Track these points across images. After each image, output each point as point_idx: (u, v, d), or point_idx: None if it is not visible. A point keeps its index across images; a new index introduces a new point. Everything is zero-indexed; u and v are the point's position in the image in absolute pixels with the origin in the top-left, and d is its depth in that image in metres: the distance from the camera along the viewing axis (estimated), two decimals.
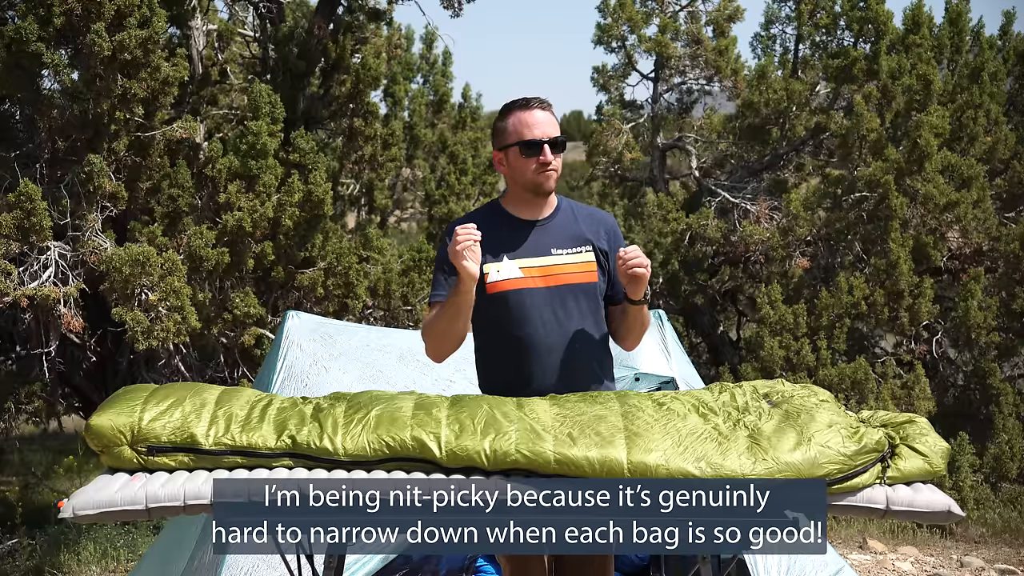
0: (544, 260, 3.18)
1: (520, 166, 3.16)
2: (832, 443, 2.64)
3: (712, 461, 2.59)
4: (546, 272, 3.17)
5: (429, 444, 2.65)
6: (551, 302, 3.15)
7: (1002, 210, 9.74)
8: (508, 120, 3.19)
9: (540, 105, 3.18)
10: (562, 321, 3.15)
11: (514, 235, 3.20)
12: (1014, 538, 7.61)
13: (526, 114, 3.16)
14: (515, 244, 3.19)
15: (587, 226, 3.24)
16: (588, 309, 3.18)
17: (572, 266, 3.18)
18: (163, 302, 6.55)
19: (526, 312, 3.13)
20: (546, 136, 3.14)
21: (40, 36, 6.38)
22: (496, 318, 3.17)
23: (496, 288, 3.16)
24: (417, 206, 14.15)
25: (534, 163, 3.13)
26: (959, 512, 2.61)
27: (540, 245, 3.19)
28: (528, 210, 3.23)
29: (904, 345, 9.26)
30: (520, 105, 3.19)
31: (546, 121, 3.16)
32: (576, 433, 2.68)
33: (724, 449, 2.62)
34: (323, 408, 2.79)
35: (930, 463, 2.70)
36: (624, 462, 2.59)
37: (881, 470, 2.65)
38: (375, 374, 4.63)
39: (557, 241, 3.20)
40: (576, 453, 2.61)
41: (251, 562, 3.87)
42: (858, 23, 10.08)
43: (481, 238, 3.03)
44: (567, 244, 3.20)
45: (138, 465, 2.68)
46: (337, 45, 9.31)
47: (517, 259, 3.17)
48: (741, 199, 10.17)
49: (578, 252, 3.20)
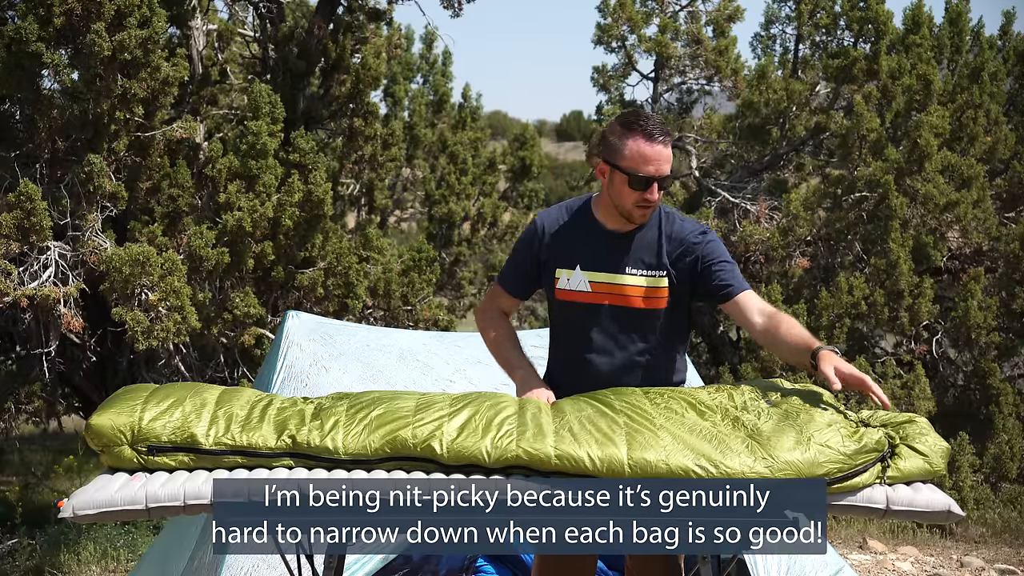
0: (615, 278, 3.10)
1: (622, 192, 3.04)
2: (832, 442, 2.64)
3: (712, 459, 2.59)
4: (614, 290, 3.10)
5: (431, 443, 2.65)
6: (613, 322, 3.10)
7: (1002, 210, 9.74)
8: (627, 142, 3.00)
9: (663, 139, 3.00)
10: (622, 343, 3.10)
11: (593, 244, 3.12)
12: (1014, 538, 7.61)
13: (649, 147, 2.98)
14: (590, 255, 3.11)
15: (670, 247, 3.11)
16: (650, 333, 3.11)
17: (641, 289, 3.09)
18: (163, 302, 6.55)
19: (587, 328, 3.11)
20: (659, 174, 3.00)
21: (40, 36, 6.38)
22: (560, 322, 3.20)
23: (563, 296, 3.15)
24: (417, 206, 14.17)
25: (637, 197, 3.02)
26: (959, 512, 2.61)
27: (615, 261, 3.10)
28: (615, 222, 3.12)
29: (904, 345, 9.26)
30: (646, 133, 2.99)
31: (663, 158, 3.00)
32: (576, 430, 2.68)
33: (724, 447, 2.62)
34: (324, 407, 2.80)
35: (930, 463, 2.70)
36: (624, 459, 2.59)
37: (881, 470, 2.65)
38: (375, 374, 4.63)
39: (633, 260, 3.10)
40: (576, 450, 2.62)
41: (251, 562, 3.87)
42: (858, 23, 10.08)
43: (560, 239, 3.12)
44: (642, 266, 3.10)
45: (138, 465, 2.68)
46: (337, 45, 9.31)
47: (588, 272, 3.11)
48: (741, 199, 10.17)
49: (652, 276, 3.10)
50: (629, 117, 3.05)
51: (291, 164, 7.57)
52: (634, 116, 3.05)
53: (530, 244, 3.21)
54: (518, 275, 3.26)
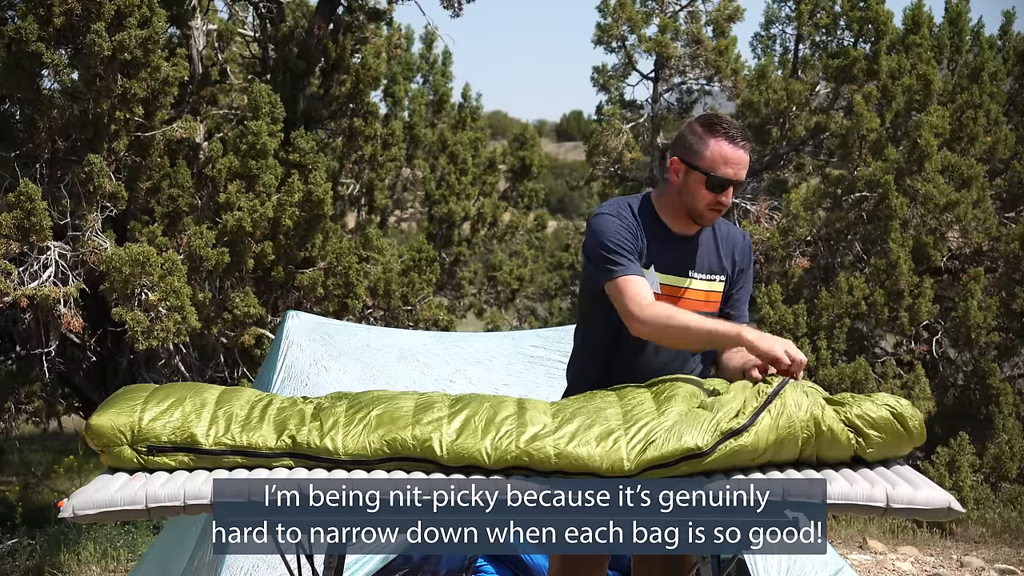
0: (682, 281, 3.10)
1: (696, 193, 3.02)
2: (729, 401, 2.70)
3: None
4: (677, 293, 3.09)
5: (431, 443, 2.65)
6: None
7: (1002, 210, 9.74)
8: (710, 142, 2.99)
9: (744, 144, 3.00)
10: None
11: (664, 246, 3.09)
12: (1014, 538, 7.61)
13: (731, 150, 2.98)
14: (663, 257, 3.09)
15: (725, 250, 3.15)
16: None
17: (704, 293, 3.12)
18: (163, 302, 6.55)
19: None
20: (737, 179, 3.00)
21: (40, 36, 6.38)
22: (620, 321, 3.04)
23: None
24: (417, 206, 14.16)
25: (712, 199, 3.01)
26: (959, 509, 2.61)
27: (682, 264, 3.10)
28: (680, 224, 3.10)
29: (904, 345, 9.26)
30: (729, 136, 2.99)
31: (743, 162, 3.00)
32: (576, 428, 2.68)
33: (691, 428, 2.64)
34: (324, 408, 2.79)
35: (891, 404, 2.69)
36: (624, 456, 2.59)
37: (836, 414, 2.66)
38: (375, 374, 4.63)
39: (698, 263, 3.11)
40: (577, 449, 2.62)
41: (251, 562, 3.87)
42: (858, 23, 10.08)
43: (640, 235, 3.03)
44: (705, 269, 3.12)
45: (138, 465, 2.68)
46: (337, 45, 9.30)
47: (661, 274, 3.08)
48: (741, 199, 10.18)
49: (712, 280, 3.13)
50: (711, 119, 3.04)
51: (291, 164, 7.58)
52: (716, 118, 3.05)
53: (629, 227, 3.06)
54: (634, 256, 3.03)
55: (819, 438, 2.67)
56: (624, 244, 3.03)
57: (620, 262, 3.01)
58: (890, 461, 2.75)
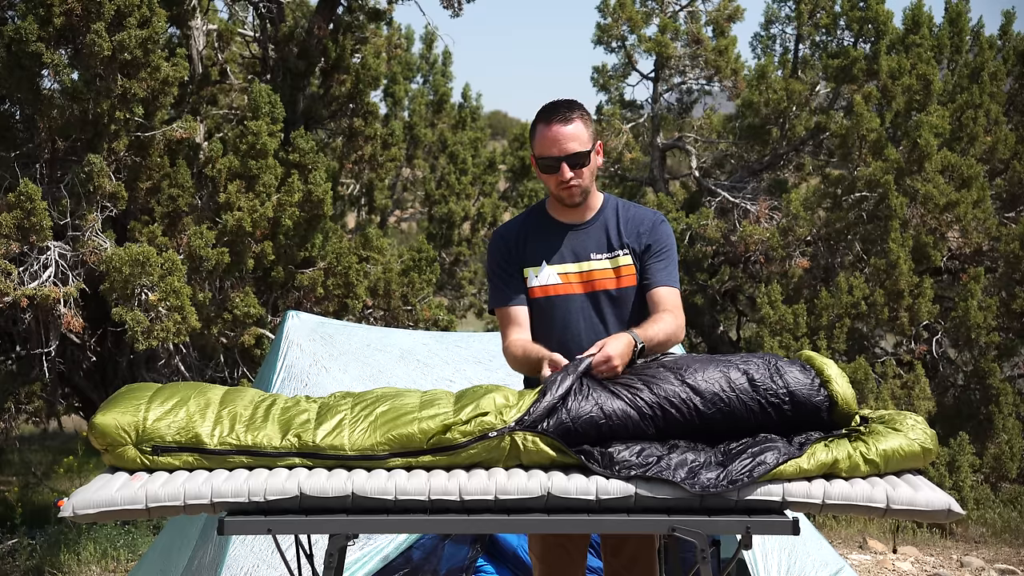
0: (582, 265, 3.19)
1: (544, 179, 3.19)
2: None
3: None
4: (584, 278, 3.19)
5: (440, 436, 2.66)
6: (589, 307, 3.17)
7: (1002, 210, 9.74)
8: (535, 131, 3.15)
9: (561, 119, 3.09)
10: (596, 327, 3.15)
11: (553, 240, 3.21)
12: (1014, 538, 7.61)
13: (546, 129, 3.10)
14: (554, 249, 3.20)
15: (628, 230, 3.22)
16: (628, 313, 3.18)
17: (610, 271, 3.19)
18: (163, 302, 6.54)
19: (565, 317, 3.18)
20: (563, 153, 3.08)
21: (40, 36, 6.38)
22: (539, 321, 3.21)
23: (536, 294, 3.21)
24: (417, 206, 14.17)
25: (555, 180, 3.12)
26: (959, 510, 2.61)
27: (579, 250, 3.20)
28: (567, 214, 3.23)
29: (904, 345, 9.26)
30: (542, 118, 3.12)
31: (564, 137, 3.07)
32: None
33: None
34: (329, 406, 2.79)
35: (908, 440, 2.69)
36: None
37: (852, 448, 2.66)
38: (375, 374, 4.63)
39: (596, 246, 3.20)
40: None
41: (251, 562, 3.86)
42: (858, 23, 10.08)
43: (523, 242, 3.18)
44: (604, 249, 3.20)
45: (142, 465, 2.67)
46: (337, 45, 9.30)
47: (555, 265, 3.19)
48: (741, 199, 10.17)
49: (615, 257, 3.19)
50: (540, 109, 3.17)
51: (291, 164, 7.57)
52: (543, 107, 3.16)
53: (504, 253, 3.24)
54: (510, 285, 3.22)
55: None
56: (496, 271, 3.24)
57: (493, 294, 3.27)
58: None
